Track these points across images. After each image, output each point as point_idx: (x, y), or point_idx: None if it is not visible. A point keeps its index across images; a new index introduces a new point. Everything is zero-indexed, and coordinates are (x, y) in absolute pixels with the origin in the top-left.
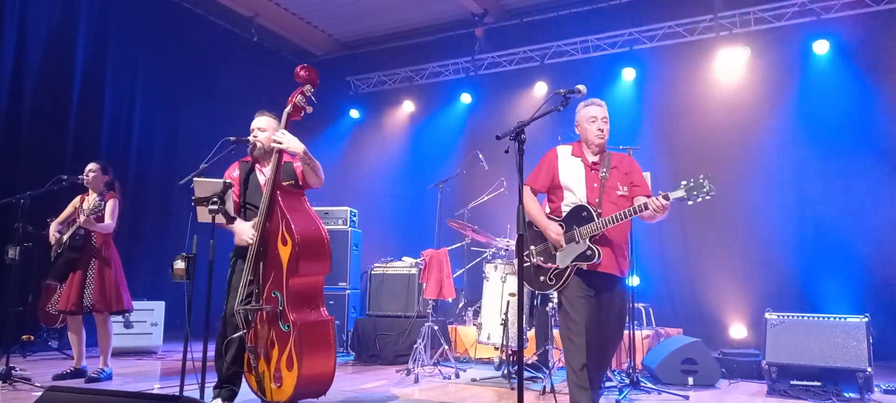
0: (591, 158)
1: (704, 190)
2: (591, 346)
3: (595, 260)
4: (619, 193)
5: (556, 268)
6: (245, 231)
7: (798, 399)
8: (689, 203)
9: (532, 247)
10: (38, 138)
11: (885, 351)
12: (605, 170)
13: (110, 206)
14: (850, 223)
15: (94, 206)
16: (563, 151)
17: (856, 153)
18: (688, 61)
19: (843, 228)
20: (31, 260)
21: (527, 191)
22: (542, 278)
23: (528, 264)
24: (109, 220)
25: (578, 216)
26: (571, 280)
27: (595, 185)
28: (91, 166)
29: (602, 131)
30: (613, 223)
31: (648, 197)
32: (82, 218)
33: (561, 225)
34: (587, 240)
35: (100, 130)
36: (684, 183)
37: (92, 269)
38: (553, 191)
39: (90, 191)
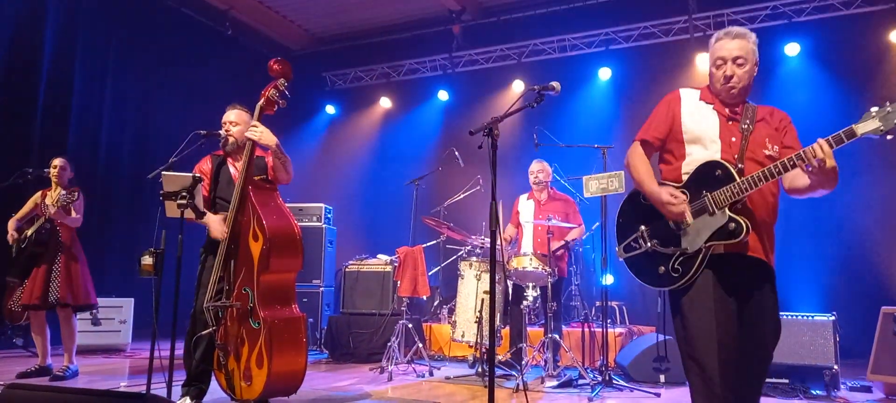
0: (728, 108)
1: None
2: (734, 373)
3: (741, 237)
4: (767, 153)
5: (681, 253)
6: (217, 225)
7: (766, 397)
8: (889, 137)
9: (642, 228)
10: (4, 131)
11: (852, 349)
12: (747, 122)
13: (78, 201)
14: (818, 223)
15: (65, 196)
16: (689, 94)
17: None
18: (663, 62)
19: (811, 227)
20: None
21: (635, 147)
22: (661, 268)
23: (640, 251)
24: (78, 214)
25: (709, 176)
26: (704, 270)
27: (733, 139)
28: (59, 161)
29: (732, 78)
30: (762, 181)
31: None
32: (53, 210)
33: (683, 191)
34: (726, 210)
35: (67, 123)
36: (876, 109)
37: (57, 263)
38: (669, 148)
39: (54, 186)
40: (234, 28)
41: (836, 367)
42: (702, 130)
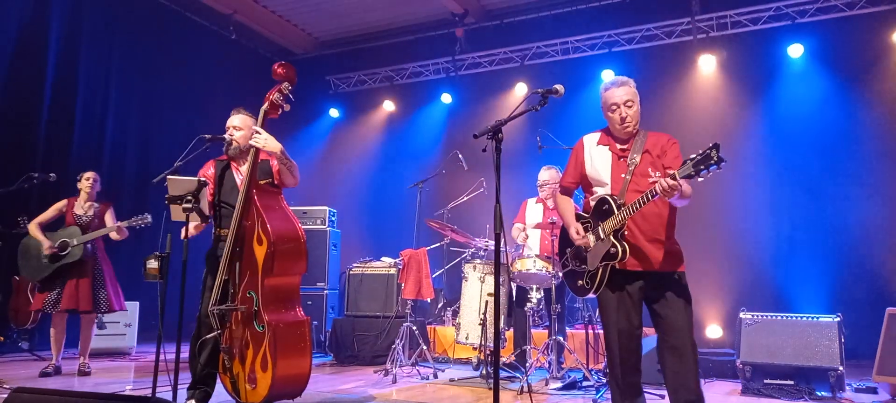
0: (620, 145)
1: (712, 162)
2: (627, 356)
3: (619, 259)
4: (651, 180)
5: (588, 271)
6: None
7: (771, 398)
8: (700, 179)
9: (567, 250)
10: (8, 135)
11: (857, 350)
12: (636, 155)
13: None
14: (822, 223)
15: (137, 219)
16: (590, 140)
17: (828, 154)
18: (666, 64)
19: (816, 228)
20: (0, 258)
21: (557, 190)
22: (579, 282)
23: (568, 269)
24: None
25: (600, 209)
26: (606, 282)
27: (622, 175)
28: (92, 175)
29: (626, 118)
30: (632, 212)
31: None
32: (125, 233)
33: (588, 223)
34: (611, 237)
35: (72, 127)
36: (691, 158)
37: (100, 272)
38: (586, 186)
39: (81, 197)
40: (238, 32)
41: (841, 368)
42: (598, 171)
